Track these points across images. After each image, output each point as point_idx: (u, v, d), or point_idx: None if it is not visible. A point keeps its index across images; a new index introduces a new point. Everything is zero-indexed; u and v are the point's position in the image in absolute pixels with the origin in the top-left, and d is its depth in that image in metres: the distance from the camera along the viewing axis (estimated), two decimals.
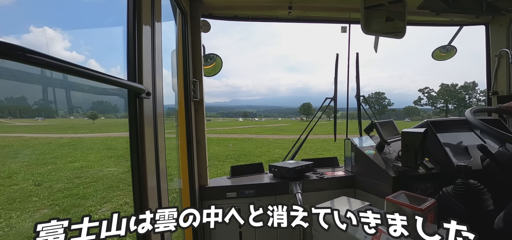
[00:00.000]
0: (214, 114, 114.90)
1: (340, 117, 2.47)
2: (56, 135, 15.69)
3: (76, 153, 10.04)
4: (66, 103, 34.37)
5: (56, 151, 10.19)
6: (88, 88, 0.78)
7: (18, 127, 20.37)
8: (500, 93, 1.84)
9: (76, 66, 0.48)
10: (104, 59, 62.94)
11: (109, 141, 14.22)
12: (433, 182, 1.34)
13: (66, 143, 12.66)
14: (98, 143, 12.99)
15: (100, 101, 37.92)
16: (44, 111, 38.57)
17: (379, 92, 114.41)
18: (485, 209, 1.01)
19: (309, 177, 1.61)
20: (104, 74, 0.58)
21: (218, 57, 1.72)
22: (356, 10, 1.62)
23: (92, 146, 12.22)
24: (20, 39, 41.65)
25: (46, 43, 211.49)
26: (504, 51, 1.77)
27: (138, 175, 0.77)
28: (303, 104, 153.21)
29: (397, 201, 0.94)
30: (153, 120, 0.84)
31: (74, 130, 21.19)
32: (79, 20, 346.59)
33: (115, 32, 39.38)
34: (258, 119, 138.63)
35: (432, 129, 1.42)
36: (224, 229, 1.55)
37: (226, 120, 42.71)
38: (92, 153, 10.36)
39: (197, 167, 1.49)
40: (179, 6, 1.29)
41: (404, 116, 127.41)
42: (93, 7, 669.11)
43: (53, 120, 41.93)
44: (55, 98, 12.90)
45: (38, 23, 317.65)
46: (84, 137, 16.01)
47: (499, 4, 1.62)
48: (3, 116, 55.32)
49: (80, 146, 12.19)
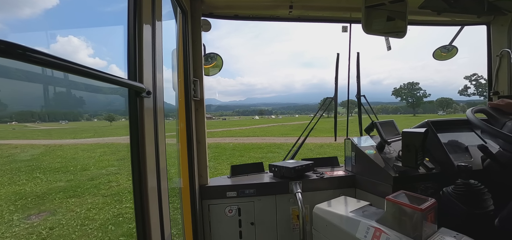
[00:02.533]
0: (230, 112, 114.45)
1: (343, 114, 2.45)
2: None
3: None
4: (88, 106, 35.22)
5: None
6: (108, 89, 0.78)
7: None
8: (501, 93, 1.83)
9: (76, 64, 0.48)
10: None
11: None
12: (433, 182, 1.34)
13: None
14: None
15: (116, 102, 38.79)
16: (69, 115, 39.77)
17: (412, 83, 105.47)
18: (486, 209, 1.01)
19: (309, 176, 1.61)
20: (104, 73, 0.57)
21: (219, 56, 1.73)
22: (357, 9, 1.61)
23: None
24: (48, 48, 40.23)
25: (72, 51, 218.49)
26: (506, 51, 1.76)
27: (138, 175, 0.77)
28: (325, 99, 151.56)
29: (397, 201, 0.94)
30: (154, 119, 0.84)
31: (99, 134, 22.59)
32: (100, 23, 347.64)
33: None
34: (275, 117, 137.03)
35: (433, 129, 1.42)
36: (224, 228, 1.55)
37: (242, 118, 41.41)
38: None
39: (197, 166, 1.49)
40: (179, 5, 1.29)
41: (436, 109, 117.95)
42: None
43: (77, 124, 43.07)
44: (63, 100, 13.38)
45: (64, 33, 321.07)
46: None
47: (500, 4, 1.62)
48: (33, 121, 55.91)
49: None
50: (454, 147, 1.41)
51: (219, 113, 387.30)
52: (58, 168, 8.43)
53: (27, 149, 13.05)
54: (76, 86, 0.89)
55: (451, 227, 0.94)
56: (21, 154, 11.48)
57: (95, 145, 14.76)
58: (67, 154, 11.60)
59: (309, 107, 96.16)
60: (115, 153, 11.62)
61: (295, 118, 21.53)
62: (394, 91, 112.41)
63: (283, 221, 1.58)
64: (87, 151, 12.33)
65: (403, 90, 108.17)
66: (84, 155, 11.15)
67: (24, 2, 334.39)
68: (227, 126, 44.09)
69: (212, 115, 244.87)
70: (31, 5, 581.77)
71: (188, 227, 1.41)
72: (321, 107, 2.09)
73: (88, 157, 10.63)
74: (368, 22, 1.44)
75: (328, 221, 1.20)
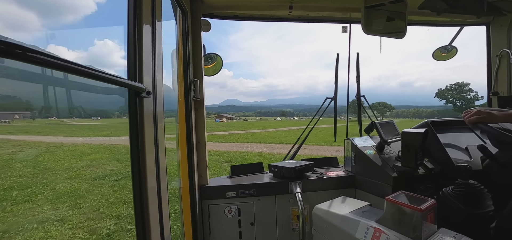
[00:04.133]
0: (251, 113, 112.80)
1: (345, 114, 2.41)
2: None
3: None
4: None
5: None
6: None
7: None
8: (500, 94, 1.84)
9: (76, 65, 0.48)
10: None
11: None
12: (433, 182, 1.34)
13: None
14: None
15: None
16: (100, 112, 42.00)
17: (461, 83, 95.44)
18: (485, 209, 1.01)
19: (309, 177, 1.61)
20: (104, 73, 0.57)
21: (219, 56, 1.73)
22: (356, 10, 1.61)
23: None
24: (87, 51, 39.75)
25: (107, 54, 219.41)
26: (505, 52, 1.77)
27: (138, 175, 0.77)
28: (352, 101, 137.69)
29: (397, 201, 0.94)
30: (153, 120, 0.84)
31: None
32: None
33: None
34: (298, 119, 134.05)
35: (432, 129, 1.42)
36: (223, 228, 1.55)
37: (263, 119, 39.26)
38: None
39: (197, 166, 1.49)
40: (179, 6, 1.29)
41: None
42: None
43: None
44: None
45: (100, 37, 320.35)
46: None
47: (500, 4, 1.62)
48: (71, 117, 59.19)
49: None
50: (453, 147, 1.41)
51: (241, 113, 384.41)
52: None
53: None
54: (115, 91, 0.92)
55: (451, 227, 0.94)
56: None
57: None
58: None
59: (330, 109, 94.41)
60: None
61: (320, 121, 20.58)
62: (438, 92, 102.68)
63: (283, 221, 1.58)
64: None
65: (450, 91, 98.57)
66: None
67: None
68: (250, 127, 40.15)
69: (233, 115, 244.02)
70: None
71: (188, 227, 1.41)
72: (321, 107, 2.09)
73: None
74: (368, 22, 1.44)
75: (328, 222, 1.20)
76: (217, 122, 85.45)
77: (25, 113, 45.45)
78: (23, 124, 39.31)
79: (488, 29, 1.88)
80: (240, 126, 44.75)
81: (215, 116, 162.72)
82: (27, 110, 41.70)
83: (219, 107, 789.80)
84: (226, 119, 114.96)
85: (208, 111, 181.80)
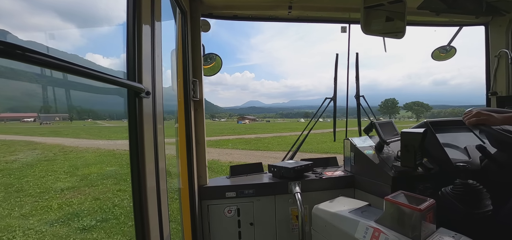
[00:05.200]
0: (273, 115, 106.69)
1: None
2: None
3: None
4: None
5: None
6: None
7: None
8: (499, 94, 1.84)
9: (75, 65, 0.48)
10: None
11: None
12: (432, 182, 1.34)
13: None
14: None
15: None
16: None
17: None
18: (484, 209, 1.01)
19: (309, 177, 1.62)
20: (103, 74, 0.57)
21: (218, 56, 1.72)
22: (356, 10, 1.62)
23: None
24: (119, 58, 40.44)
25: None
26: (504, 52, 1.77)
27: (138, 175, 0.77)
28: (385, 100, 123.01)
29: (396, 201, 0.94)
30: (153, 120, 0.84)
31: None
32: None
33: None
34: (323, 120, 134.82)
35: (431, 129, 1.43)
36: (223, 229, 1.55)
37: (286, 120, 35.76)
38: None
39: (196, 166, 1.49)
40: (179, 6, 1.29)
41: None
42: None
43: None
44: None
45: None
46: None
47: (498, 4, 1.63)
48: (104, 118, 61.06)
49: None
50: (452, 147, 1.42)
51: (263, 115, 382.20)
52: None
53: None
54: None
55: (450, 227, 0.95)
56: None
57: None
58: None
59: (356, 110, 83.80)
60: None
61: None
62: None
63: (282, 221, 1.58)
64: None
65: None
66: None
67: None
68: (275, 129, 34.96)
69: (255, 117, 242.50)
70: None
71: (187, 227, 1.41)
72: (320, 107, 2.09)
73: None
74: (367, 22, 1.44)
75: (327, 222, 1.20)
76: (239, 123, 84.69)
77: (65, 115, 47.96)
78: (59, 125, 40.47)
79: (487, 29, 1.89)
80: (264, 128, 40.83)
81: (237, 118, 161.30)
82: (66, 113, 43.86)
83: (241, 109, 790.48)
84: (248, 121, 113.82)
85: (230, 113, 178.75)
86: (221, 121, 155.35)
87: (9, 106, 29.38)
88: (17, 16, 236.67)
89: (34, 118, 47.52)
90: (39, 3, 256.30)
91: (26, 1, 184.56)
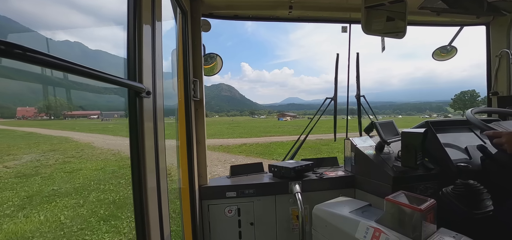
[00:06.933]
0: (313, 111, 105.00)
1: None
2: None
3: None
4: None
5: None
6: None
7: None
8: (500, 94, 1.84)
9: (76, 65, 0.48)
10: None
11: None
12: (432, 182, 1.34)
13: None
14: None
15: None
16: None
17: None
18: (485, 209, 1.01)
19: (309, 177, 1.61)
20: (104, 73, 0.57)
21: (218, 56, 1.73)
22: (356, 10, 1.61)
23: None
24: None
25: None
26: (505, 52, 1.77)
27: (138, 175, 0.77)
28: (461, 93, 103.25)
29: (396, 201, 0.94)
30: (153, 120, 0.84)
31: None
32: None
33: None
34: (373, 117, 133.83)
35: (432, 129, 1.42)
36: (223, 228, 1.55)
37: (328, 118, 34.58)
38: None
39: (197, 166, 1.49)
40: (179, 6, 1.29)
41: None
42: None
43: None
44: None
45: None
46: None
47: (499, 4, 1.62)
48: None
49: None
50: (453, 147, 1.41)
51: (303, 112, 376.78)
52: None
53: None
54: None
55: (451, 227, 0.94)
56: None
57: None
58: None
59: (409, 106, 70.38)
60: None
61: (398, 120, 17.11)
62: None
63: (283, 221, 1.58)
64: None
65: None
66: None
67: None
68: (322, 130, 24.09)
69: (296, 113, 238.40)
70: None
71: (188, 227, 1.41)
72: (321, 107, 2.09)
73: None
74: (368, 22, 1.44)
75: (328, 222, 1.20)
76: (280, 120, 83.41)
77: (121, 112, 51.79)
78: (112, 121, 43.45)
79: (488, 29, 1.88)
80: (318, 127, 33.56)
81: (278, 115, 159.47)
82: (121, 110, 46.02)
83: (280, 105, 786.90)
84: (289, 118, 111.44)
85: (269, 110, 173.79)
86: (261, 118, 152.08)
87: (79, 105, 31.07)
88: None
89: (98, 115, 50.97)
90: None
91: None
